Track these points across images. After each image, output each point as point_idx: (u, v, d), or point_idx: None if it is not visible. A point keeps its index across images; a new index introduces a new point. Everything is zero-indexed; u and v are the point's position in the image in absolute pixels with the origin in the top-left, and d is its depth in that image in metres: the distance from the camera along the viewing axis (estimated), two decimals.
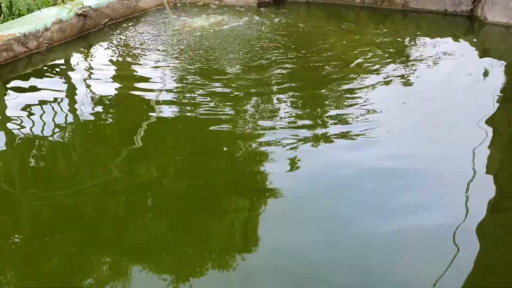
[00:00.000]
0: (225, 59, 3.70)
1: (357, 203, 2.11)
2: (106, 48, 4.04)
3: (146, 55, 3.80)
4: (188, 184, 2.32)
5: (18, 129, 2.83)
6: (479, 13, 4.52)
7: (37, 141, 2.72)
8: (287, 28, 4.38)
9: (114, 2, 4.45)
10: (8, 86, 3.40)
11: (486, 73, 3.46)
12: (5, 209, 2.17)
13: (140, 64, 3.66)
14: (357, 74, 3.42)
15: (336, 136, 2.61)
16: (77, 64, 3.81)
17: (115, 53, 3.92)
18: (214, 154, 2.55)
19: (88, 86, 3.41)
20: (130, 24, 4.51)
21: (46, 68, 3.70)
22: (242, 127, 2.73)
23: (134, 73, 3.52)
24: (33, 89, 3.37)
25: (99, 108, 3.06)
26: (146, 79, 3.40)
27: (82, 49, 4.04)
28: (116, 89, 3.37)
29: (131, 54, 3.86)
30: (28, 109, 3.03)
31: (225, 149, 2.57)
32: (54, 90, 3.34)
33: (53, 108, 3.04)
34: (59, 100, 3.17)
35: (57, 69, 3.74)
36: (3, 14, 4.30)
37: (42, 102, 3.13)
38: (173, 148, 2.66)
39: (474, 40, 4.24)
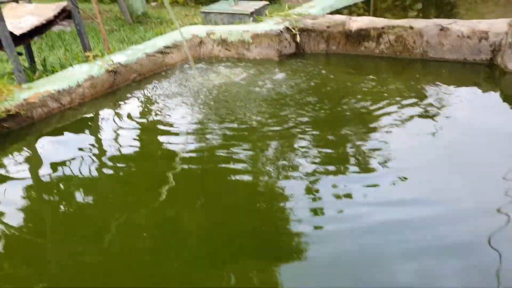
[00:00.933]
0: (246, 113, 3.81)
1: (380, 253, 2.13)
2: (133, 102, 4.21)
3: (171, 109, 3.97)
4: (215, 242, 2.37)
5: (49, 181, 2.97)
6: (499, 62, 4.58)
7: (67, 193, 2.84)
8: (308, 80, 4.50)
9: (142, 58, 4.65)
10: (42, 140, 3.57)
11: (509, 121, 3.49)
12: (31, 263, 2.24)
13: (165, 118, 3.81)
14: (379, 124, 3.49)
15: (358, 187, 2.66)
16: (107, 118, 3.98)
17: (142, 107, 4.08)
18: (238, 207, 2.62)
19: (116, 139, 3.57)
20: (156, 78, 4.70)
21: (77, 122, 3.87)
22: (263, 178, 2.82)
23: (159, 127, 3.67)
24: (65, 142, 3.54)
25: (125, 160, 3.21)
26: (170, 132, 3.54)
27: (112, 104, 4.22)
28: (142, 142, 3.52)
29: (156, 108, 4.02)
30: (59, 162, 3.18)
31: (248, 201, 2.63)
32: (84, 144, 3.51)
33: (83, 161, 3.19)
34: (88, 153, 3.33)
35: (88, 123, 3.92)
36: (38, 71, 4.53)
37: (72, 155, 3.29)
38: (200, 204, 2.73)
39: (496, 88, 4.28)
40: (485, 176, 2.75)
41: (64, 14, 4.63)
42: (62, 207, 2.71)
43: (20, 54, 4.79)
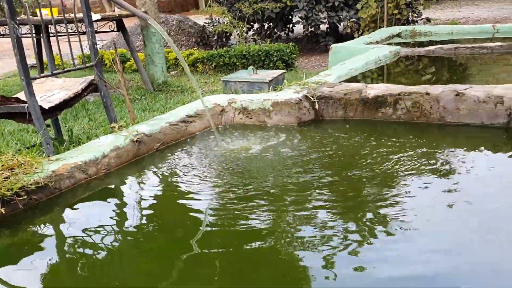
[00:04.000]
0: (266, 180, 3.88)
1: None
2: (157, 171, 4.31)
3: (193, 177, 4.07)
4: None
5: (71, 251, 3.12)
6: None
7: (88, 263, 2.95)
8: (326, 146, 4.59)
9: (165, 127, 4.80)
10: (68, 210, 3.68)
11: None
12: None
13: (187, 187, 3.91)
14: (398, 189, 3.54)
15: (377, 253, 2.66)
16: (131, 187, 4.11)
17: (164, 176, 4.20)
18: (258, 272, 2.65)
19: (138, 206, 3.71)
20: (179, 147, 4.83)
21: (102, 192, 3.97)
22: (283, 246, 2.90)
23: (181, 194, 3.80)
24: (90, 213, 3.66)
25: (146, 227, 3.40)
26: (191, 199, 3.68)
27: (136, 173, 4.33)
28: (164, 211, 3.70)
29: (179, 176, 4.13)
30: (83, 233, 3.30)
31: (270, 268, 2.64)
32: (108, 214, 3.64)
33: (105, 231, 3.32)
34: (111, 224, 3.46)
35: (113, 193, 4.03)
36: (65, 142, 4.69)
37: (96, 225, 3.41)
38: (221, 267, 2.78)
39: None
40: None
41: (91, 88, 4.85)
42: (81, 271, 2.82)
43: (47, 126, 4.97)
